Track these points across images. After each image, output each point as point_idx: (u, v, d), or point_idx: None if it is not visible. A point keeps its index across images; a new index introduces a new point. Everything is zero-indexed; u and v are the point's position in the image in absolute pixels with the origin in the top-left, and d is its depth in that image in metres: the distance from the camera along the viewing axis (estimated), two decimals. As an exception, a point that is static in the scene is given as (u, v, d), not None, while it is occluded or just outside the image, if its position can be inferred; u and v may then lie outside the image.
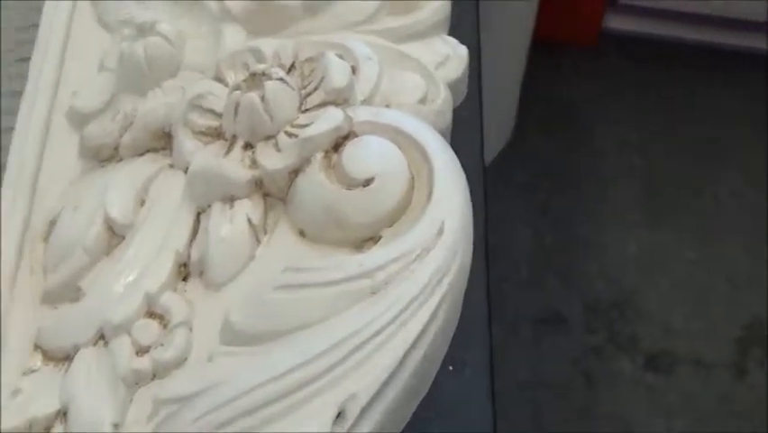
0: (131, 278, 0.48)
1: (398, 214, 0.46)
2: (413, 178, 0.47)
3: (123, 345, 0.46)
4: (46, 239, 0.51)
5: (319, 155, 0.47)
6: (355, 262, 0.45)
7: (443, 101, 0.50)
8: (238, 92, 0.48)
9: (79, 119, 0.54)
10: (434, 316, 0.44)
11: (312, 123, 0.47)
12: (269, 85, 0.48)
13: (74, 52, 0.56)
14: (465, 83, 0.52)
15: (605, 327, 1.46)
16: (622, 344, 1.46)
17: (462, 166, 0.48)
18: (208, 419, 0.42)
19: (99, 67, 0.55)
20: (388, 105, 0.50)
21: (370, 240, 0.46)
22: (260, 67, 0.49)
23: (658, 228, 1.52)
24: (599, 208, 1.53)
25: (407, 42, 0.52)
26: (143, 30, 0.52)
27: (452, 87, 0.51)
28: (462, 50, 0.53)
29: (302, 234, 0.47)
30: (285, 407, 0.42)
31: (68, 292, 0.49)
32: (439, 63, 0.52)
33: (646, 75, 1.60)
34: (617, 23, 1.56)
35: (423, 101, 0.50)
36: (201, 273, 0.48)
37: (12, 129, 0.55)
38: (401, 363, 0.43)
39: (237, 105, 0.48)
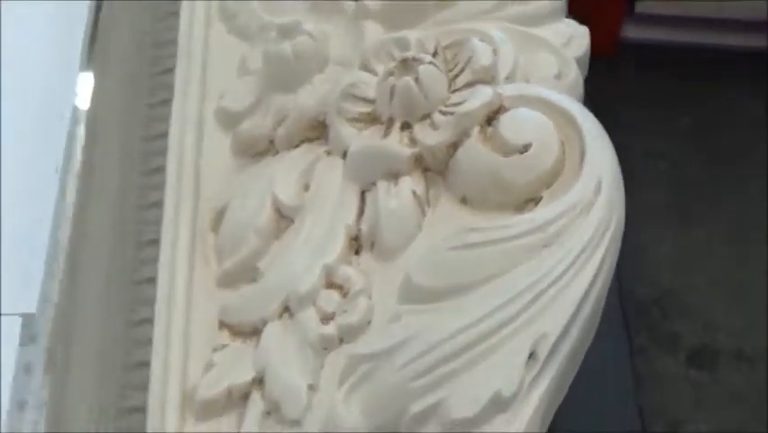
0: (309, 253, 0.51)
1: (555, 176, 0.50)
2: (563, 143, 0.51)
3: (309, 315, 0.50)
4: (215, 229, 0.55)
5: (476, 129, 0.51)
6: (527, 218, 0.48)
7: (575, 75, 0.54)
8: (392, 77, 0.52)
9: (229, 119, 0.58)
10: (601, 264, 0.48)
11: (465, 100, 0.51)
12: (422, 68, 0.52)
13: (213, 61, 0.60)
14: (588, 58, 0.56)
15: (647, 327, 1.49)
16: (664, 342, 1.49)
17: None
18: (408, 369, 0.46)
19: (240, 71, 0.59)
20: (527, 82, 0.53)
21: (530, 201, 0.50)
22: (410, 53, 0.53)
23: (691, 228, 1.55)
24: (632, 212, 1.56)
25: (533, 26, 0.56)
26: (287, 31, 0.56)
27: (579, 62, 0.56)
28: (583, 30, 0.57)
29: (464, 201, 0.51)
30: (481, 351, 0.46)
31: (245, 273, 0.53)
32: (564, 43, 0.56)
33: (666, 81, 1.65)
34: (634, 32, 1.61)
35: (558, 76, 0.54)
36: (372, 245, 0.52)
37: (160, 136, 0.59)
38: (579, 306, 0.47)
39: (393, 89, 0.52)
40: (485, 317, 0.46)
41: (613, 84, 1.64)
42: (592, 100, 0.57)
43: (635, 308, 1.49)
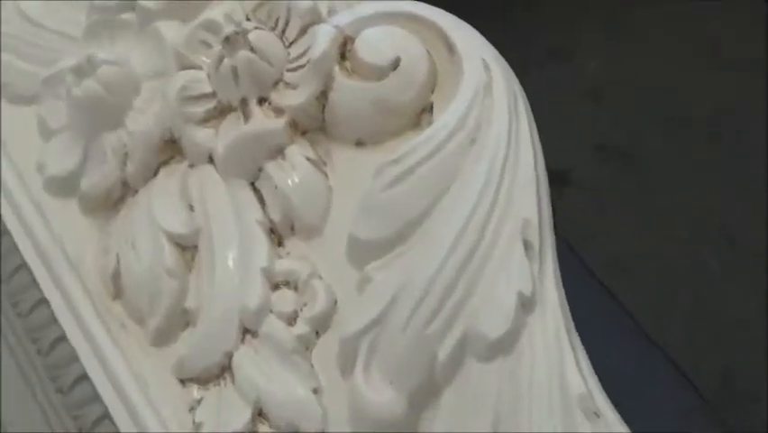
0: (237, 267, 0.47)
1: (434, 77, 0.48)
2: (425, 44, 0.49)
3: (273, 324, 0.46)
4: (117, 296, 0.50)
5: (336, 69, 0.48)
6: (441, 125, 0.46)
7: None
8: (226, 59, 0.48)
9: (63, 184, 0.52)
10: (530, 129, 0.46)
11: (309, 47, 0.48)
12: (251, 36, 0.48)
13: (8, 139, 0.54)
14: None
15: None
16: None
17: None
18: (415, 320, 0.43)
19: (45, 134, 0.54)
20: (350, 7, 0.51)
21: (423, 113, 0.48)
22: (230, 29, 0.49)
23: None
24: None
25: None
26: (83, 69, 0.51)
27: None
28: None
29: (360, 143, 0.48)
30: (478, 264, 0.43)
31: (177, 320, 0.48)
32: (354, -41, 0.53)
33: None
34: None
35: (373, -11, 0.52)
36: (292, 229, 0.48)
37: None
38: (537, 177, 0.45)
39: (235, 70, 0.48)
40: (463, 230, 0.44)
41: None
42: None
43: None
